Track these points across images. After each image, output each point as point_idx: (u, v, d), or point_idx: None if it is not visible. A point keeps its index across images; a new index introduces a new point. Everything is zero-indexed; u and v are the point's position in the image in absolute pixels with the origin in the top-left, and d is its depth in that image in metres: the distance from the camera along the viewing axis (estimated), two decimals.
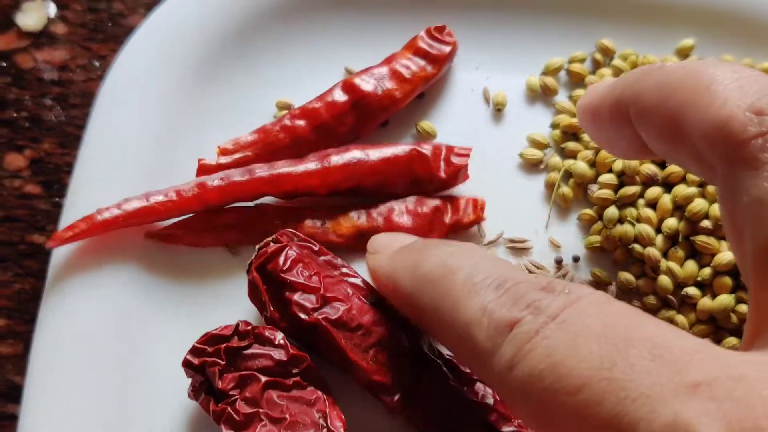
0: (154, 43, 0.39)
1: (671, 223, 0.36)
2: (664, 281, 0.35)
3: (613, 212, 0.37)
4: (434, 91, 0.40)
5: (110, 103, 0.39)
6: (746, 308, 0.33)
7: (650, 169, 0.37)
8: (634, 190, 0.37)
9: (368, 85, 0.38)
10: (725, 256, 0.35)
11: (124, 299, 0.36)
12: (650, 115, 0.27)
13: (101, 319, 0.36)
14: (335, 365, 0.33)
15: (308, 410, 0.31)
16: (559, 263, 0.37)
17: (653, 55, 0.40)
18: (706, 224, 0.35)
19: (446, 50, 0.40)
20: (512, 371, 0.23)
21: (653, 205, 0.37)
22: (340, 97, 0.38)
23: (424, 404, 0.32)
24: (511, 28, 0.41)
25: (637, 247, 0.36)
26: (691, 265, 0.35)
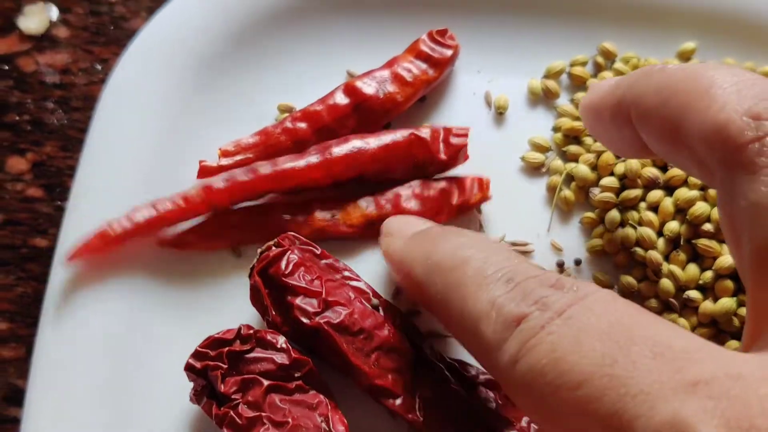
0: (156, 46, 0.39)
1: (673, 226, 0.36)
2: (665, 284, 0.35)
3: (614, 215, 0.37)
4: (436, 94, 0.40)
5: (112, 106, 0.39)
6: None
7: (652, 172, 0.37)
8: (635, 193, 0.37)
9: (370, 88, 0.38)
10: (727, 259, 0.35)
11: (125, 303, 0.36)
12: (650, 117, 0.27)
13: (103, 322, 0.36)
14: (337, 369, 0.33)
15: (310, 414, 0.31)
16: (560, 266, 0.37)
17: (655, 58, 0.40)
18: (707, 227, 0.35)
19: (448, 53, 0.40)
20: (516, 366, 0.23)
21: (655, 208, 0.37)
22: (341, 100, 0.38)
23: (426, 408, 0.32)
24: (512, 31, 0.41)
25: (638, 250, 0.36)
26: (692, 268, 0.35)
